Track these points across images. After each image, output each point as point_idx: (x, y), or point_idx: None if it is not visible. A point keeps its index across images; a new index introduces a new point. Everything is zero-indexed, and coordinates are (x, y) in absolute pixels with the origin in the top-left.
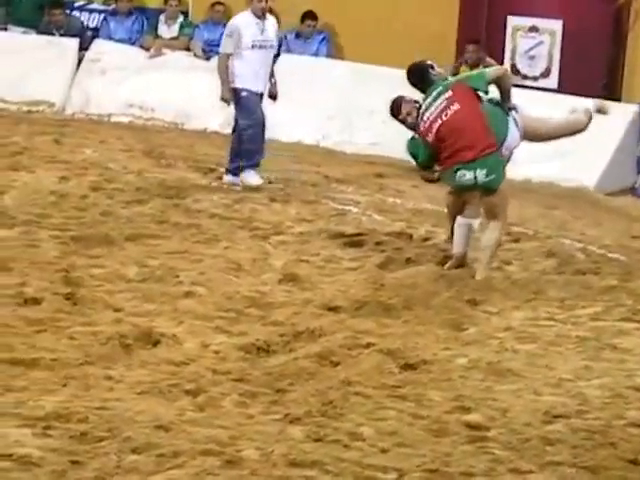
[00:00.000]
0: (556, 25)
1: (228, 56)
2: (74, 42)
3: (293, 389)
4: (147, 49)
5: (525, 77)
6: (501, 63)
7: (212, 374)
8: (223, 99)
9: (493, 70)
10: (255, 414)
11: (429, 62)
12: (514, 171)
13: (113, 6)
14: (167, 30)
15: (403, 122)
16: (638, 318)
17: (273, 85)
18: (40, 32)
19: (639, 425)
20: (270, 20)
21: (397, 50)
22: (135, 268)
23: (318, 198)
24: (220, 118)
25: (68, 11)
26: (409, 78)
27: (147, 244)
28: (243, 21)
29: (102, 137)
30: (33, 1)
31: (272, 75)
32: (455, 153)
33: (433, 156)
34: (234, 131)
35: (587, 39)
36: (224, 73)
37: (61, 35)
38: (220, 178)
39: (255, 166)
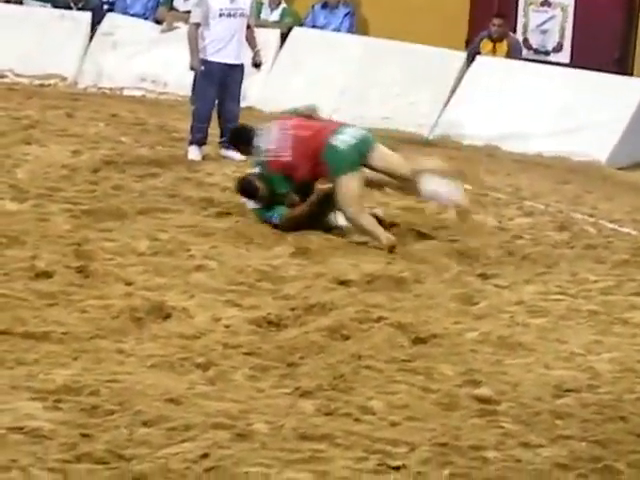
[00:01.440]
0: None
1: (197, 26)
2: (87, 15)
3: (304, 363)
4: (161, 22)
5: (537, 52)
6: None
7: (223, 348)
8: (192, 68)
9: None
10: (266, 388)
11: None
12: (526, 145)
13: None
14: (183, 3)
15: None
16: None
17: (257, 54)
18: (56, 6)
19: None
20: None
21: (412, 26)
22: (147, 242)
23: None
24: None
25: None
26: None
27: (159, 217)
28: None
29: (114, 111)
30: None
31: (254, 44)
32: None
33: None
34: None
35: (599, 13)
36: (193, 42)
37: (79, 9)
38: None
39: (200, 143)
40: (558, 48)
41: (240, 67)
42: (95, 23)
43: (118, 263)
